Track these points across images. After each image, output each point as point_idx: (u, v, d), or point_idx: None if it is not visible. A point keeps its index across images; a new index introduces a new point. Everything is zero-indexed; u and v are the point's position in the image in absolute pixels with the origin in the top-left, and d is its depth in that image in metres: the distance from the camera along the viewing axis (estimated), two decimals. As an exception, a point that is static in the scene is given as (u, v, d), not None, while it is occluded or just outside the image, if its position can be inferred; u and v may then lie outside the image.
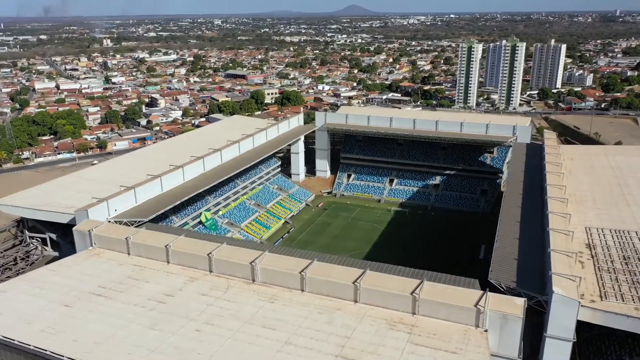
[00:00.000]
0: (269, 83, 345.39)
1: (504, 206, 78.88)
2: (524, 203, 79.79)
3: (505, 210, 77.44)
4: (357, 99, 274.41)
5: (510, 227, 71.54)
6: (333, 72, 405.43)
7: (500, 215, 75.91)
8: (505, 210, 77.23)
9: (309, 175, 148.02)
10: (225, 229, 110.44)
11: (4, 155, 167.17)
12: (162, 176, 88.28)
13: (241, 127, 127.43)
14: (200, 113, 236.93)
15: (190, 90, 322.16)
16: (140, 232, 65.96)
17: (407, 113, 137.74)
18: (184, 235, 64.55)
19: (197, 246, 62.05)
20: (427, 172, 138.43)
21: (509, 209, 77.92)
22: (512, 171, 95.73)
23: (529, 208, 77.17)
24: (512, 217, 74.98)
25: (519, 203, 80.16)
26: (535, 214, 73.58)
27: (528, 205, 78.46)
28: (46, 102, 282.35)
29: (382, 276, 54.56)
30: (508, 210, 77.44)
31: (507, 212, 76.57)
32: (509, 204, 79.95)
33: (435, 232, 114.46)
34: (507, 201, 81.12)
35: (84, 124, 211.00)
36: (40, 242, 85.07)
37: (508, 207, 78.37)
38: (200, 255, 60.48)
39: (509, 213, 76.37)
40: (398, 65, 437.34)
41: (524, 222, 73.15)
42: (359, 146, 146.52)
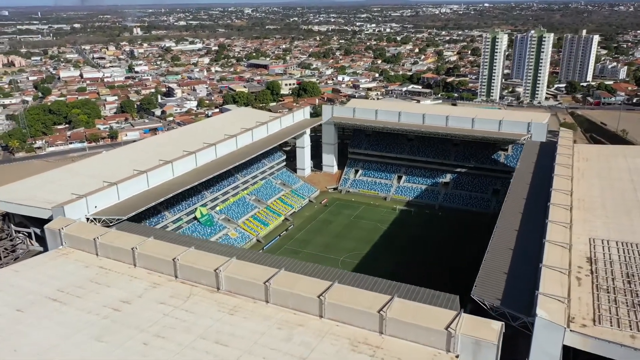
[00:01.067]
0: (289, 73, 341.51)
1: (504, 211, 73.31)
2: (526, 209, 73.96)
3: (504, 216, 71.89)
4: (376, 90, 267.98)
5: (506, 236, 66.09)
6: (356, 63, 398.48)
7: (498, 221, 70.44)
8: (504, 216, 71.69)
9: (316, 170, 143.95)
10: (221, 226, 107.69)
11: (16, 144, 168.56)
12: (148, 172, 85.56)
13: (246, 119, 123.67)
14: (215, 104, 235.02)
15: (210, 80, 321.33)
16: (110, 233, 63.38)
17: (417, 107, 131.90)
18: (153, 237, 61.56)
19: (165, 250, 58.98)
20: (437, 169, 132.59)
21: (508, 214, 72.31)
22: (519, 172, 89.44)
23: (530, 215, 71.33)
24: (511, 224, 69.42)
25: (520, 209, 74.35)
26: (536, 222, 67.78)
27: (530, 211, 72.59)
28: (68, 91, 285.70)
29: (350, 290, 50.33)
30: (507, 216, 71.87)
31: (506, 219, 71.03)
32: (509, 209, 74.29)
33: (441, 234, 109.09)
34: (507, 206, 75.44)
35: (99, 114, 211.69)
36: (27, 237, 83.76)
37: (507, 213, 72.77)
38: (165, 259, 57.39)
39: (507, 219, 70.81)
40: (423, 55, 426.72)
41: (522, 230, 67.53)
42: (367, 141, 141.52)
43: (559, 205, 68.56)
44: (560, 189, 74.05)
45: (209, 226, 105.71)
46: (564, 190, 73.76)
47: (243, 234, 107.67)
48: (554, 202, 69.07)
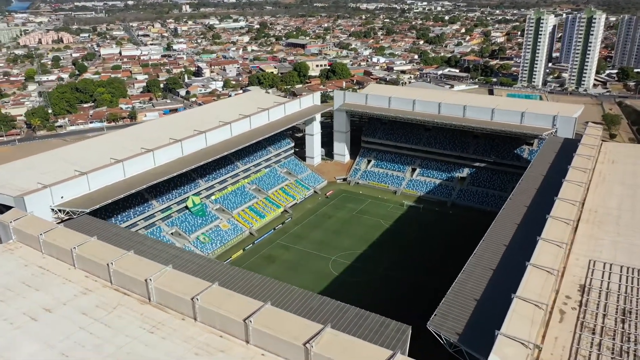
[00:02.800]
0: (324, 54, 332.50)
1: (496, 223, 64.73)
2: (523, 221, 64.96)
3: (495, 228, 63.36)
4: (409, 73, 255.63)
5: (491, 254, 57.80)
6: (397, 43, 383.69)
7: (486, 234, 62.06)
8: (495, 229, 63.18)
9: (327, 159, 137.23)
10: (214, 216, 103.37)
11: (37, 122, 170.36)
12: (124, 161, 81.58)
13: (250, 104, 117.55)
14: (241, 84, 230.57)
15: (244, 59, 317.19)
16: (56, 230, 59.60)
17: (433, 95, 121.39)
18: (96, 238, 57.26)
19: (102, 253, 54.50)
20: (454, 162, 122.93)
21: (500, 227, 63.68)
22: (528, 176, 79.63)
23: (526, 228, 62.38)
24: (500, 238, 60.89)
25: (517, 219, 65.46)
26: (530, 238, 58.89)
27: (527, 224, 63.59)
28: (103, 69, 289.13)
29: (281, 314, 44.07)
30: (499, 228, 63.28)
31: (496, 232, 62.50)
32: (504, 219, 65.54)
33: (448, 235, 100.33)
34: (503, 216, 66.70)
35: (124, 93, 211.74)
36: None
37: (500, 225, 64.13)
38: (100, 263, 52.97)
39: (497, 233, 62.29)
40: (469, 36, 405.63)
41: (511, 247, 58.95)
42: (383, 130, 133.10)
43: (559, 219, 59.30)
44: (567, 198, 64.41)
45: (200, 216, 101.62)
46: (571, 200, 64.09)
47: (236, 226, 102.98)
48: (554, 215, 59.87)
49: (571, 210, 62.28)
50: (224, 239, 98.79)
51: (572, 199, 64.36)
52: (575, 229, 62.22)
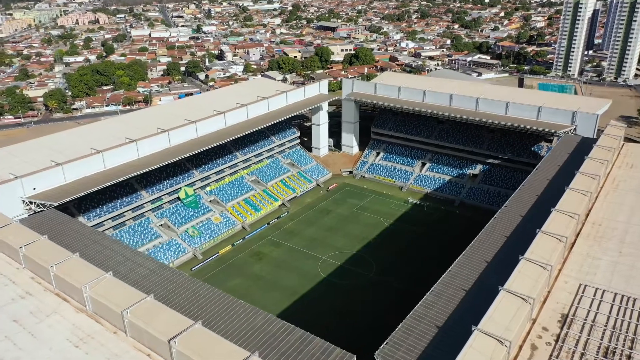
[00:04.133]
0: (353, 37, 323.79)
1: (481, 236, 58.59)
2: (514, 234, 58.57)
3: (480, 241, 57.26)
4: (437, 60, 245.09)
5: (468, 270, 51.96)
6: (430, 27, 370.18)
7: (468, 249, 56.11)
8: (479, 242, 57.08)
9: (335, 150, 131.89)
10: (207, 208, 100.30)
11: (54, 104, 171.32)
12: (104, 152, 78.88)
13: (257, 90, 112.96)
14: (261, 69, 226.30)
15: (271, 42, 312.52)
16: (10, 226, 57.17)
17: (445, 86, 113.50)
18: (47, 237, 54.47)
19: (49, 253, 51.65)
20: (466, 158, 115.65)
21: (485, 240, 57.52)
22: (531, 180, 72.53)
23: (514, 244, 56.05)
24: (483, 253, 54.84)
25: (507, 232, 59.11)
26: (515, 255, 52.76)
27: (516, 238, 57.20)
28: (130, 51, 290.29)
29: (210, 337, 39.90)
30: (483, 241, 57.16)
31: (479, 246, 56.43)
32: (492, 232, 59.29)
33: (451, 237, 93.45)
34: (492, 227, 60.45)
35: (143, 76, 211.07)
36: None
37: (485, 238, 57.95)
38: (43, 265, 50.15)
39: (480, 247, 56.21)
40: (507, 21, 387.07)
41: (493, 265, 52.91)
42: (394, 121, 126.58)
43: (551, 234, 52.66)
44: (565, 210, 57.44)
45: (193, 208, 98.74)
46: (569, 213, 57.10)
47: (228, 220, 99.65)
48: (546, 230, 53.24)
49: (567, 224, 55.38)
50: (215, 233, 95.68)
51: (571, 211, 57.33)
52: (572, 245, 55.54)
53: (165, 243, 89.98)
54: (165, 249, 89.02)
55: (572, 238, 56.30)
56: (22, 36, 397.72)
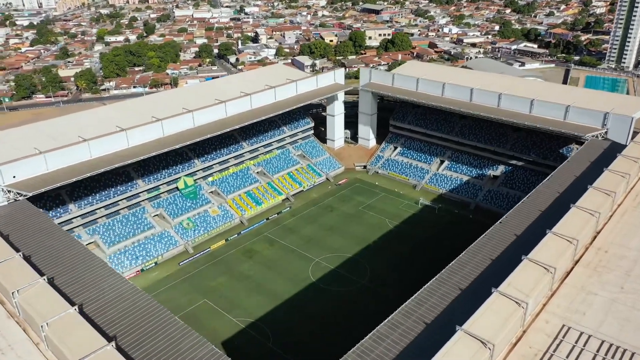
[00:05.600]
0: (395, 21, 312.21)
1: (464, 257, 52.15)
2: (500, 258, 51.82)
3: (463, 260, 50.92)
4: (480, 47, 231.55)
5: (437, 299, 45.99)
6: (480, 12, 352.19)
7: (446, 269, 50.00)
8: (462, 261, 50.77)
9: (351, 143, 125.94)
10: (206, 200, 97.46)
11: (83, 84, 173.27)
12: (90, 140, 76.77)
13: (271, 78, 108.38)
14: (293, 53, 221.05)
15: (311, 25, 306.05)
16: (-33, 218, 55.82)
17: (467, 79, 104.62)
18: None
19: (-6, 251, 49.67)
20: (488, 157, 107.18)
21: (468, 261, 51.11)
22: (539, 191, 64.76)
23: (497, 269, 49.40)
24: (458, 279, 48.57)
25: (494, 254, 52.36)
26: (493, 284, 46.29)
27: (501, 264, 50.49)
28: (170, 31, 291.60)
29: (118, 362, 36.49)
30: (466, 261, 50.78)
31: (460, 266, 50.11)
32: (479, 251, 52.71)
33: (459, 246, 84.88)
34: (479, 245, 53.78)
35: (175, 58, 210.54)
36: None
37: (469, 258, 51.52)
38: (-16, 265, 48.16)
39: (461, 268, 49.88)
40: (564, 6, 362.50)
41: (467, 294, 46.65)
42: (414, 114, 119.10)
43: (538, 262, 45.69)
44: (564, 233, 49.95)
45: (191, 199, 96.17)
46: (567, 237, 49.62)
47: (226, 213, 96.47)
48: (533, 258, 46.28)
49: (562, 251, 48.05)
50: (210, 226, 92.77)
51: (569, 235, 49.78)
52: (567, 274, 48.32)
53: (157, 235, 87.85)
54: (157, 241, 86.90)
55: (568, 266, 49.05)
56: (74, 14, 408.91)
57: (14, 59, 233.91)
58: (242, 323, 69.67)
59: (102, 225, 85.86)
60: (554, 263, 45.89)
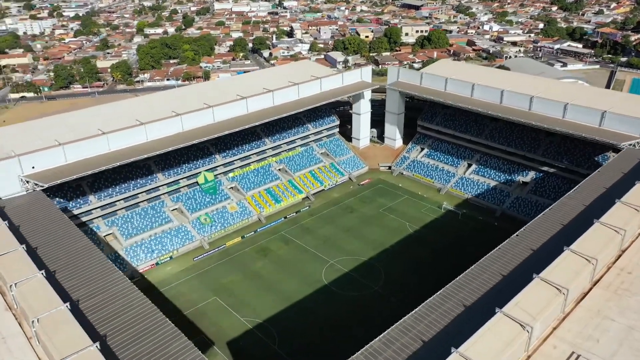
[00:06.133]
0: (434, 17, 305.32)
1: (476, 267, 49.49)
2: (510, 275, 48.84)
3: (472, 275, 48.32)
4: (521, 46, 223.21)
5: (452, 304, 43.69)
6: (524, 9, 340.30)
7: (452, 283, 47.54)
8: (471, 276, 48.17)
9: (377, 142, 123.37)
10: (225, 195, 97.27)
11: (118, 76, 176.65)
12: (109, 134, 77.41)
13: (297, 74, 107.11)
14: (327, 49, 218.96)
15: (347, 20, 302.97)
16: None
17: (498, 80, 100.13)
18: (7, 223, 53.23)
19: (0, 243, 50.34)
20: (518, 162, 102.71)
21: (477, 275, 48.43)
22: (563, 203, 61.00)
23: (506, 288, 46.56)
24: (463, 296, 46.05)
25: (505, 270, 49.44)
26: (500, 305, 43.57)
27: (511, 282, 47.57)
28: (207, 24, 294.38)
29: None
30: (475, 276, 48.14)
31: (468, 281, 47.53)
32: (489, 265, 49.90)
33: (481, 253, 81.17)
34: (491, 259, 50.94)
35: (209, 51, 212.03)
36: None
37: (478, 272, 48.82)
38: (-14, 257, 48.84)
39: (469, 283, 47.29)
40: (615, 3, 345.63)
41: (470, 311, 44.09)
42: (442, 115, 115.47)
43: (550, 283, 42.65)
44: (582, 251, 46.51)
45: (210, 194, 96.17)
46: (586, 256, 46.21)
47: (245, 209, 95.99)
48: (545, 277, 43.21)
49: (580, 269, 44.77)
50: (227, 223, 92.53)
51: (588, 254, 46.34)
52: (584, 296, 44.99)
53: (175, 229, 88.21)
54: (173, 235, 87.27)
55: (586, 287, 45.67)
56: (118, 6, 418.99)
57: (57, 49, 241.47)
58: (249, 323, 68.92)
59: (120, 217, 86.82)
60: (568, 284, 42.69)
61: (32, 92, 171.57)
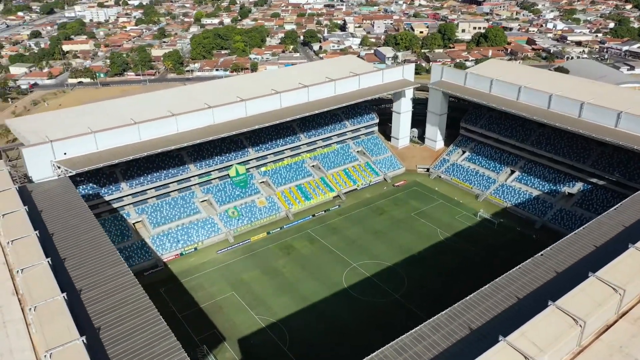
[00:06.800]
0: (495, 13, 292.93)
1: (497, 284, 46.20)
2: (528, 298, 45.18)
3: (489, 292, 45.15)
4: (585, 46, 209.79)
5: (456, 325, 40.96)
6: (595, 6, 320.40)
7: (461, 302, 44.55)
8: (484, 295, 45.02)
9: (418, 143, 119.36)
10: (255, 189, 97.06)
11: (169, 65, 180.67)
12: (140, 124, 78.50)
13: (336, 70, 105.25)
14: (378, 43, 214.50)
15: (405, 14, 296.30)
16: (6, 192, 58.76)
17: (548, 84, 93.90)
18: (26, 208, 54.70)
19: (16, 227, 51.77)
20: (565, 172, 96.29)
21: (496, 294, 45.17)
22: (600, 221, 56.00)
23: (514, 313, 43.06)
24: (474, 315, 42.98)
25: (521, 293, 45.76)
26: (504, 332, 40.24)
27: (528, 304, 43.93)
28: (263, 15, 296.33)
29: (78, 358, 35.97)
30: (485, 299, 44.91)
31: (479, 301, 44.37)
32: (500, 288, 46.44)
33: (513, 267, 78.85)
34: (517, 276, 47.41)
35: (260, 43, 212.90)
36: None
37: (498, 289, 45.52)
38: (2, 240, 50.38)
39: (474, 305, 44.15)
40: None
41: (481, 331, 40.99)
42: (487, 117, 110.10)
43: (565, 312, 38.92)
44: (609, 279, 42.26)
45: (241, 188, 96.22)
46: (612, 284, 41.92)
47: (274, 205, 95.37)
48: (561, 306, 39.50)
49: (603, 299, 40.61)
50: (255, 217, 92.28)
51: (616, 282, 42.00)
52: (607, 328, 40.85)
53: (202, 220, 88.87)
54: (200, 227, 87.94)
55: (610, 319, 41.44)
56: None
57: (117, 37, 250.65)
58: (263, 322, 68.23)
59: (151, 206, 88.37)
60: (587, 315, 38.81)
61: (88, 78, 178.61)
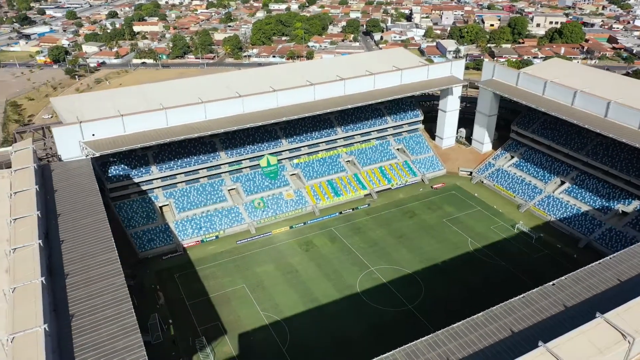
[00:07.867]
0: (578, 7, 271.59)
1: (494, 312, 41.99)
2: (535, 329, 40.52)
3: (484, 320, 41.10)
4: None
5: (443, 351, 37.63)
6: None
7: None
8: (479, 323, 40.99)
9: (464, 144, 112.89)
10: (285, 182, 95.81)
11: (227, 49, 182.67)
12: (168, 110, 79.06)
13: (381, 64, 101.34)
14: (442, 36, 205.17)
15: (478, 5, 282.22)
16: (23, 170, 60.80)
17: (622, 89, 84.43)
18: (37, 187, 56.25)
19: (24, 205, 53.41)
20: (621, 188, 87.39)
21: (491, 322, 41.02)
22: (635, 250, 49.45)
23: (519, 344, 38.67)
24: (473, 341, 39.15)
25: (525, 323, 41.16)
26: None
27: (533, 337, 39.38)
28: (330, 3, 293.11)
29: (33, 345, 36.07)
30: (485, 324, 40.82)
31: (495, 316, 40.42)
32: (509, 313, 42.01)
33: (548, 289, 72.38)
34: (518, 305, 42.89)
35: (320, 31, 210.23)
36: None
37: (495, 318, 41.33)
38: (8, 218, 52.08)
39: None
40: None
41: None
42: (541, 122, 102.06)
43: (556, 357, 34.31)
44: (617, 323, 37.04)
45: (271, 179, 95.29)
46: (621, 329, 36.66)
47: (301, 198, 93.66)
48: (552, 348, 34.93)
49: (606, 346, 35.50)
50: (280, 210, 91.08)
51: (625, 328, 36.59)
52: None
53: (227, 209, 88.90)
54: (224, 215, 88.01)
55: None
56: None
57: (187, 20, 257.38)
58: (267, 319, 67.07)
59: (179, 190, 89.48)
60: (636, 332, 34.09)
61: (151, 59, 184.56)
